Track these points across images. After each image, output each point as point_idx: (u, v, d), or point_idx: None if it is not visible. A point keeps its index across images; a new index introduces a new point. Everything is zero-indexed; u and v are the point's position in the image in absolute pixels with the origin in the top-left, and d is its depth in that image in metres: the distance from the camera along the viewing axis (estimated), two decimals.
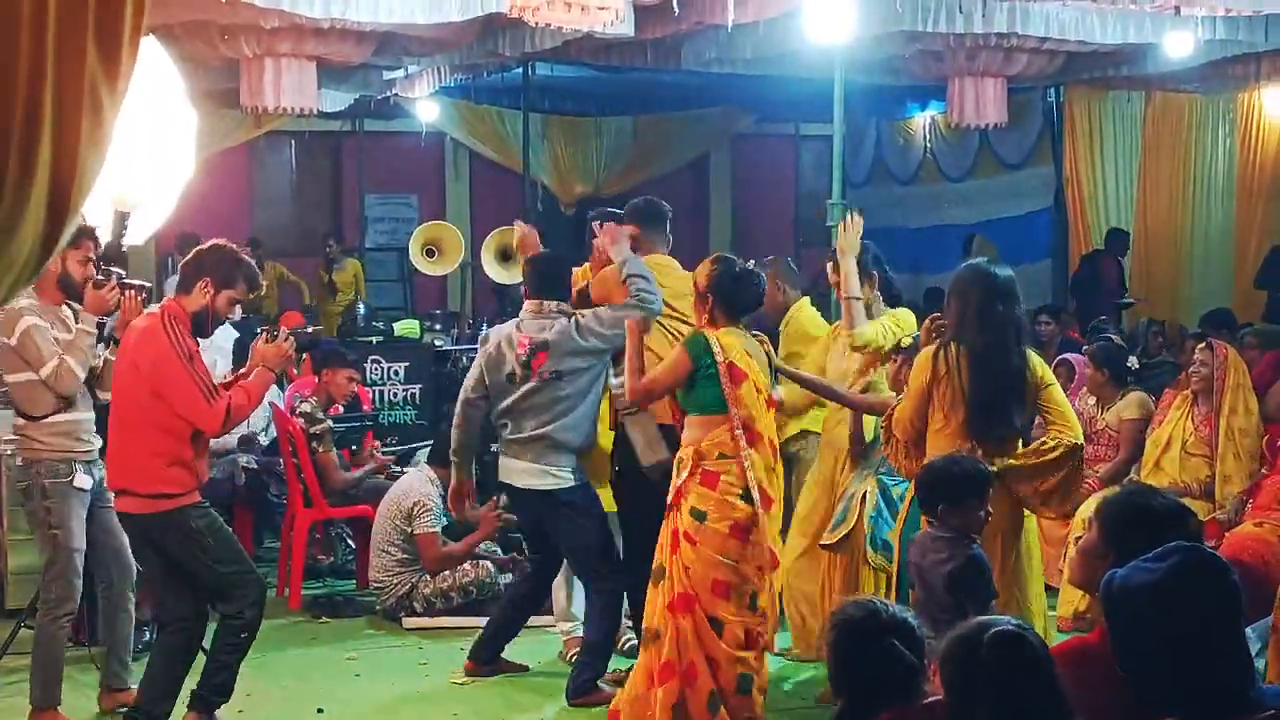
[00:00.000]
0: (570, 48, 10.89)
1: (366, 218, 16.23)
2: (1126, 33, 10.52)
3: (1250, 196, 15.12)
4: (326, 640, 7.91)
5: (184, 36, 9.10)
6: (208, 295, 5.80)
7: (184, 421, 5.69)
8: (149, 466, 5.68)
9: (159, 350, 5.64)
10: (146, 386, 5.65)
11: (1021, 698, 2.89)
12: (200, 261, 5.89)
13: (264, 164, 15.91)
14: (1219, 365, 8.03)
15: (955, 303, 5.97)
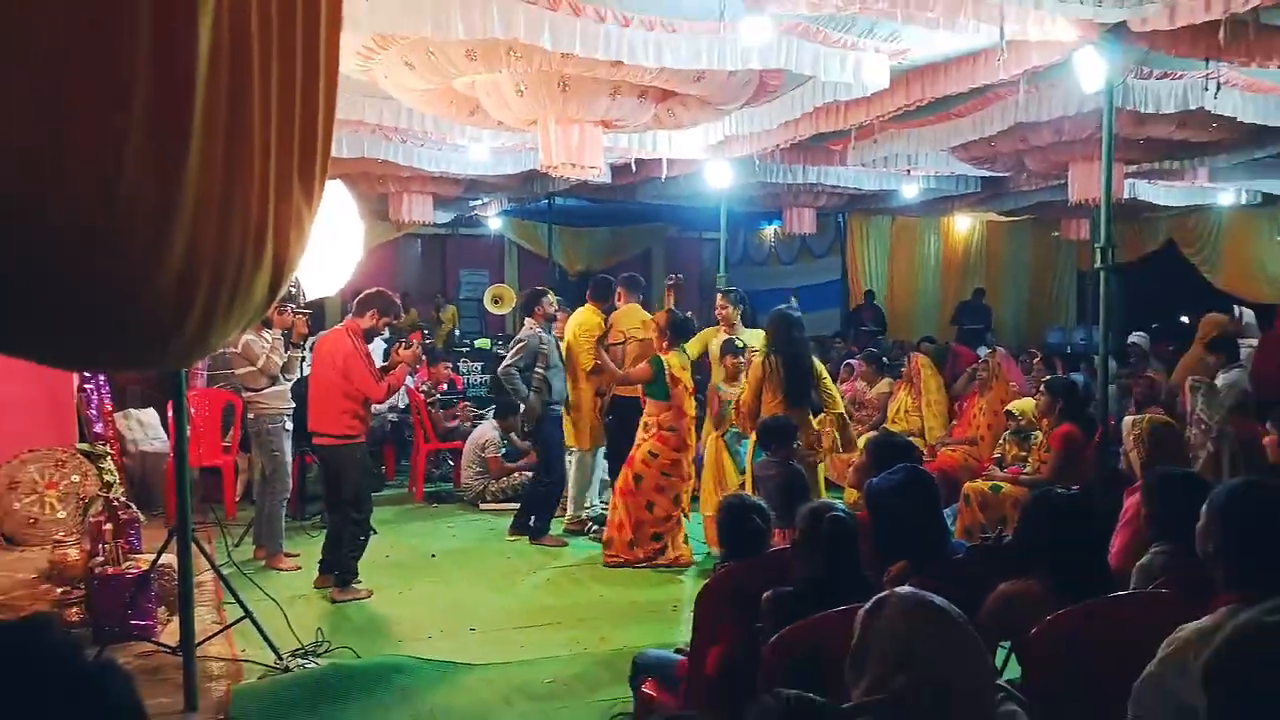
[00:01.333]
0: (575, 189, 10.88)
1: (460, 282, 16.33)
2: (879, 185, 10.57)
3: (948, 274, 15.19)
4: (437, 517, 7.89)
5: (357, 180, 9.04)
6: (374, 319, 5.76)
7: (360, 393, 5.64)
8: (338, 418, 5.63)
9: (346, 350, 5.62)
10: (338, 371, 5.59)
11: (843, 551, 2.92)
12: (370, 299, 5.82)
13: (403, 252, 15.79)
14: (914, 367, 8.16)
15: (771, 330, 6.11)
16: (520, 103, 6.04)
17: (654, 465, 6.40)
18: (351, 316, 5.87)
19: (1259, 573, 2.14)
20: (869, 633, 1.85)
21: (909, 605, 1.84)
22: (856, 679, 1.84)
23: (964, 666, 1.79)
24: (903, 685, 1.74)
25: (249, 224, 1.56)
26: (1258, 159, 8.20)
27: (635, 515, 6.40)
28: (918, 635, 1.78)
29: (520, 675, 4.53)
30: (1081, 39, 4.99)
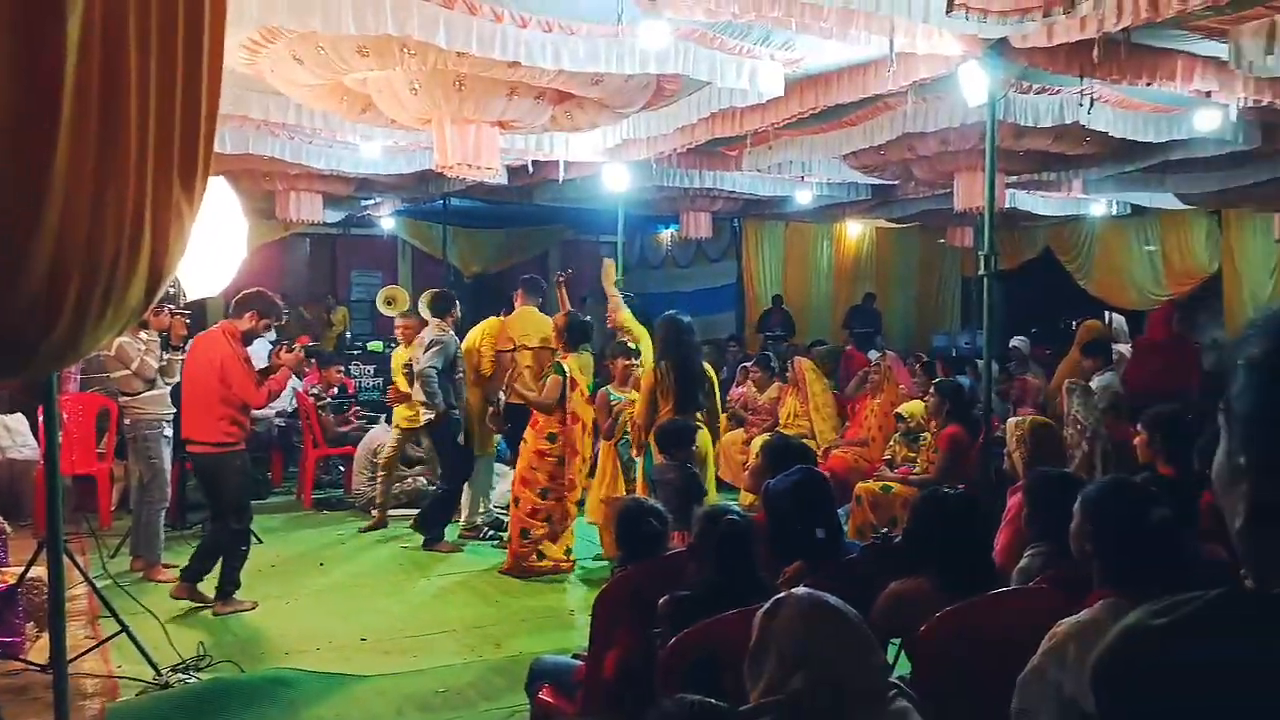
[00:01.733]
0: (471, 190, 10.74)
1: (351, 284, 15.94)
2: (774, 190, 10.74)
3: (840, 279, 15.52)
4: (326, 524, 7.69)
5: (241, 177, 8.71)
6: (253, 321, 5.52)
7: (239, 398, 5.42)
8: (215, 425, 5.40)
9: (223, 353, 5.37)
10: (215, 376, 5.34)
11: (740, 553, 2.93)
12: (248, 299, 5.58)
13: (291, 252, 15.33)
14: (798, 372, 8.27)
15: (660, 335, 6.05)
16: (414, 101, 5.92)
17: (523, 453, 6.33)
18: (229, 318, 5.62)
19: (1130, 568, 2.24)
20: (766, 634, 1.87)
21: (805, 606, 1.87)
22: (755, 680, 1.86)
23: (858, 665, 1.82)
24: (800, 685, 1.77)
25: (123, 224, 1.50)
26: (1127, 172, 8.61)
27: (522, 523, 6.31)
28: (814, 635, 1.81)
29: (412, 685, 4.44)
30: (966, 54, 5.16)
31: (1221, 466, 0.69)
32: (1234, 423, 0.67)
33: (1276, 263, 11.35)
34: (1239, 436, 0.65)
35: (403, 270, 15.88)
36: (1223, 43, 4.84)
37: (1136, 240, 12.98)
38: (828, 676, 1.78)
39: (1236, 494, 0.65)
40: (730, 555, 2.92)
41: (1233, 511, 0.66)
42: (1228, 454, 0.67)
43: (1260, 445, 0.63)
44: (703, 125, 7.15)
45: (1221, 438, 0.70)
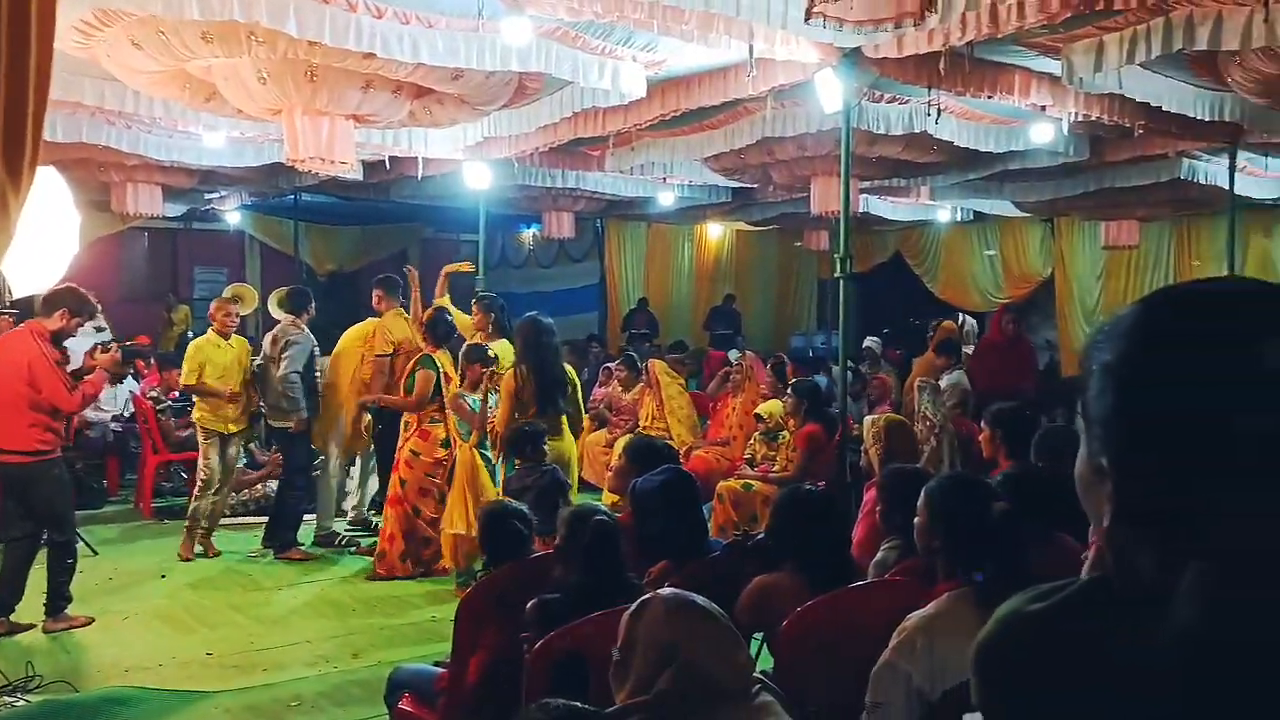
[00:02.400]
0: (324, 184, 10.41)
1: (195, 281, 15.22)
2: (636, 191, 10.82)
3: (701, 280, 15.76)
4: (168, 534, 7.26)
5: (74, 167, 8.16)
6: (64, 319, 5.08)
7: (49, 403, 5.02)
8: (26, 432, 4.98)
9: (31, 355, 4.98)
10: (22, 380, 4.94)
11: (606, 554, 2.92)
12: (58, 296, 5.05)
13: (128, 247, 14.51)
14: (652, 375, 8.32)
15: (519, 337, 5.99)
16: (263, 91, 5.68)
17: (417, 466, 6.17)
18: (37, 317, 5.17)
19: (973, 561, 2.33)
20: (633, 634, 1.87)
21: (671, 605, 1.88)
22: (621, 681, 1.86)
23: (724, 663, 1.84)
24: (666, 685, 1.77)
25: None
26: (970, 180, 9.07)
27: (403, 524, 6.15)
28: (680, 634, 1.82)
29: (262, 699, 4.26)
30: (822, 62, 5.32)
31: (1084, 468, 0.72)
32: (1092, 426, 0.69)
33: (1103, 268, 12.16)
34: (1098, 439, 0.68)
35: (250, 268, 15.26)
36: (1056, 59, 5.15)
37: (978, 245, 13.68)
38: (694, 674, 1.80)
39: (1101, 495, 0.68)
40: (598, 556, 2.91)
41: (1098, 513, 0.69)
42: (1088, 456, 0.70)
43: (1118, 448, 0.66)
44: (565, 125, 7.13)
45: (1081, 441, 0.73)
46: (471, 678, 3.03)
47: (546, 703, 1.74)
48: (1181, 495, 0.62)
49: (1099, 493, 0.68)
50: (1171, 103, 5.75)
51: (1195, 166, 8.20)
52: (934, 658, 2.21)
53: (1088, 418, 0.70)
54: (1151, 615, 0.60)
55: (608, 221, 14.69)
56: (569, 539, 2.98)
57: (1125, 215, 10.00)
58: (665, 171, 9.47)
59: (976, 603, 2.27)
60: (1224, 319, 0.65)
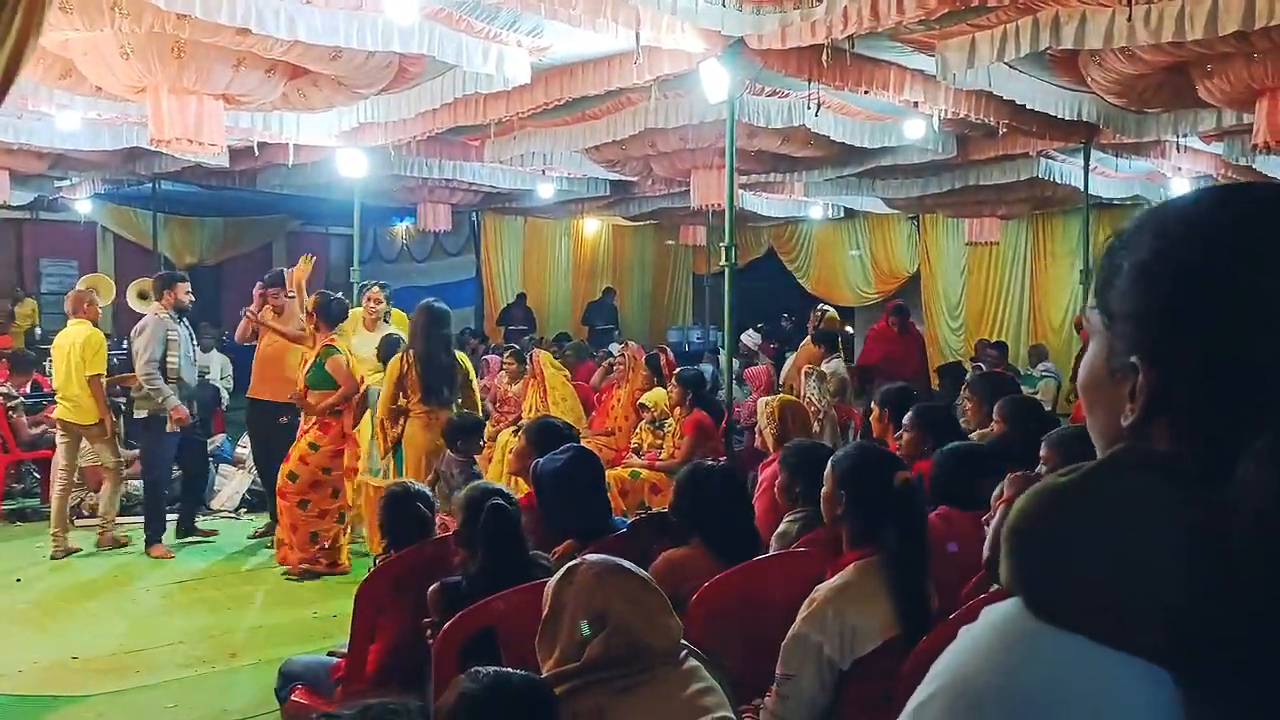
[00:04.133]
0: (185, 172, 9.95)
1: (41, 274, 14.31)
2: (515, 183, 10.71)
3: (578, 275, 15.76)
4: (22, 536, 6.87)
5: None
6: None
7: None
8: None
9: None
10: None
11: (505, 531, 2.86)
12: None
13: None
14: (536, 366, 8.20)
15: (412, 324, 5.87)
16: (125, 67, 5.39)
17: (312, 460, 5.89)
18: None
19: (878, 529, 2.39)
20: (560, 601, 1.85)
21: (600, 570, 1.87)
22: (548, 650, 1.83)
23: (654, 626, 1.84)
24: (599, 649, 1.75)
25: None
26: (843, 176, 9.34)
27: (291, 517, 5.89)
28: (611, 599, 1.81)
29: (139, 702, 4.03)
30: (707, 52, 5.38)
31: (1097, 371, 0.73)
32: (1116, 324, 0.71)
33: (966, 264, 12.72)
34: (1125, 336, 0.70)
35: (103, 259, 14.49)
36: (930, 56, 5.35)
37: (849, 241, 14.11)
38: (626, 639, 1.78)
39: (1119, 393, 0.70)
40: (498, 537, 2.86)
41: (1111, 413, 0.71)
42: (1107, 357, 0.72)
43: (1150, 340, 0.68)
44: (445, 111, 7.01)
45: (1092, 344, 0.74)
46: (371, 666, 2.94)
47: (475, 671, 1.69)
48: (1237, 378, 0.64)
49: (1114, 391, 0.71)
50: (1034, 101, 6.06)
51: (1052, 166, 8.67)
52: (844, 627, 2.24)
53: (1110, 316, 0.72)
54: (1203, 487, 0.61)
55: (484, 215, 14.53)
56: (468, 522, 2.91)
57: (987, 213, 10.49)
58: (545, 163, 9.42)
59: (883, 572, 2.32)
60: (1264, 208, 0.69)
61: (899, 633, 2.23)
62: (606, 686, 1.81)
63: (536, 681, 1.74)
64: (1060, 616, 0.62)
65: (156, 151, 7.59)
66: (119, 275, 12.94)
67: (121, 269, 13.58)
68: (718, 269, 6.56)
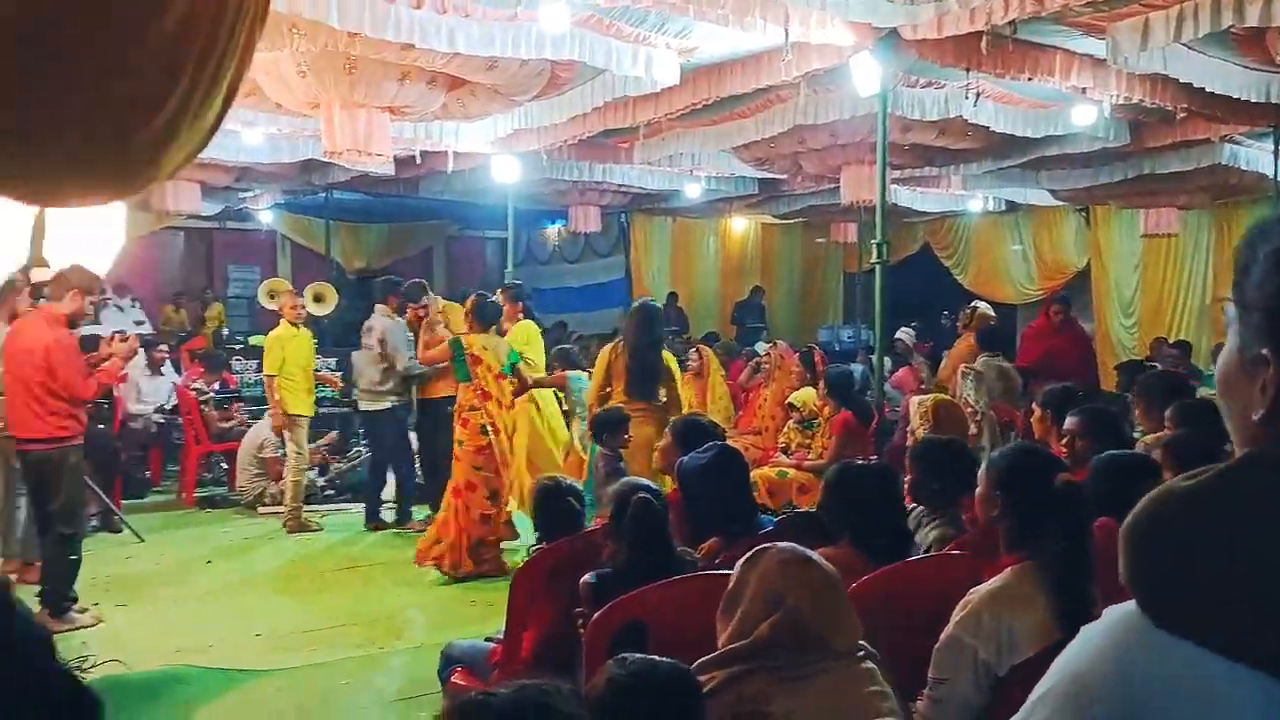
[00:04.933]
0: (355, 181, 10.52)
1: (229, 278, 15.36)
2: (664, 184, 10.83)
3: (727, 273, 15.74)
4: (211, 522, 7.43)
5: None
6: (77, 300, 4.94)
7: (69, 391, 4.94)
8: (46, 419, 4.91)
9: (47, 342, 4.89)
10: (39, 367, 4.84)
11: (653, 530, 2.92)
12: (65, 278, 4.87)
13: (167, 246, 14.68)
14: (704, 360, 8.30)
15: (628, 319, 5.98)
16: (302, 84, 5.75)
17: (463, 457, 6.04)
18: (49, 302, 5.06)
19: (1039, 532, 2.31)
20: (743, 581, 1.91)
21: (787, 555, 1.93)
22: (724, 625, 1.89)
23: (831, 620, 1.87)
24: (767, 631, 1.80)
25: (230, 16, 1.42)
26: (1004, 168, 9.01)
27: (460, 521, 5.91)
28: (790, 585, 1.86)
29: (313, 679, 4.31)
30: (858, 45, 5.31)
31: (1231, 364, 0.71)
32: (1251, 314, 0.69)
33: (1141, 258, 12.02)
34: (1258, 328, 0.68)
35: (282, 265, 15.40)
36: (1100, 39, 5.11)
37: (1011, 235, 13.57)
38: (796, 626, 1.82)
39: (1253, 387, 0.68)
40: (643, 531, 2.92)
41: (1243, 404, 0.69)
42: (1241, 349, 0.70)
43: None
44: (595, 115, 7.15)
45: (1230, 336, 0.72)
46: (525, 652, 3.05)
47: (623, 658, 1.75)
48: None
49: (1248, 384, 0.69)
50: (1216, 84, 5.69)
51: (1237, 152, 8.12)
52: (1001, 632, 2.19)
53: (1245, 307, 0.70)
54: None
55: (633, 215, 14.68)
56: (616, 515, 2.98)
57: (1164, 203, 9.90)
58: (693, 163, 9.47)
59: (1043, 576, 2.25)
60: None
61: (1059, 638, 2.16)
62: (774, 673, 1.84)
63: (683, 670, 1.78)
64: (1176, 623, 0.61)
65: (329, 162, 8.06)
66: (296, 279, 13.80)
67: (298, 273, 14.45)
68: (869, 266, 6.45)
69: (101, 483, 6.70)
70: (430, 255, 16.64)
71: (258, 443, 7.78)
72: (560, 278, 16.40)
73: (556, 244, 16.55)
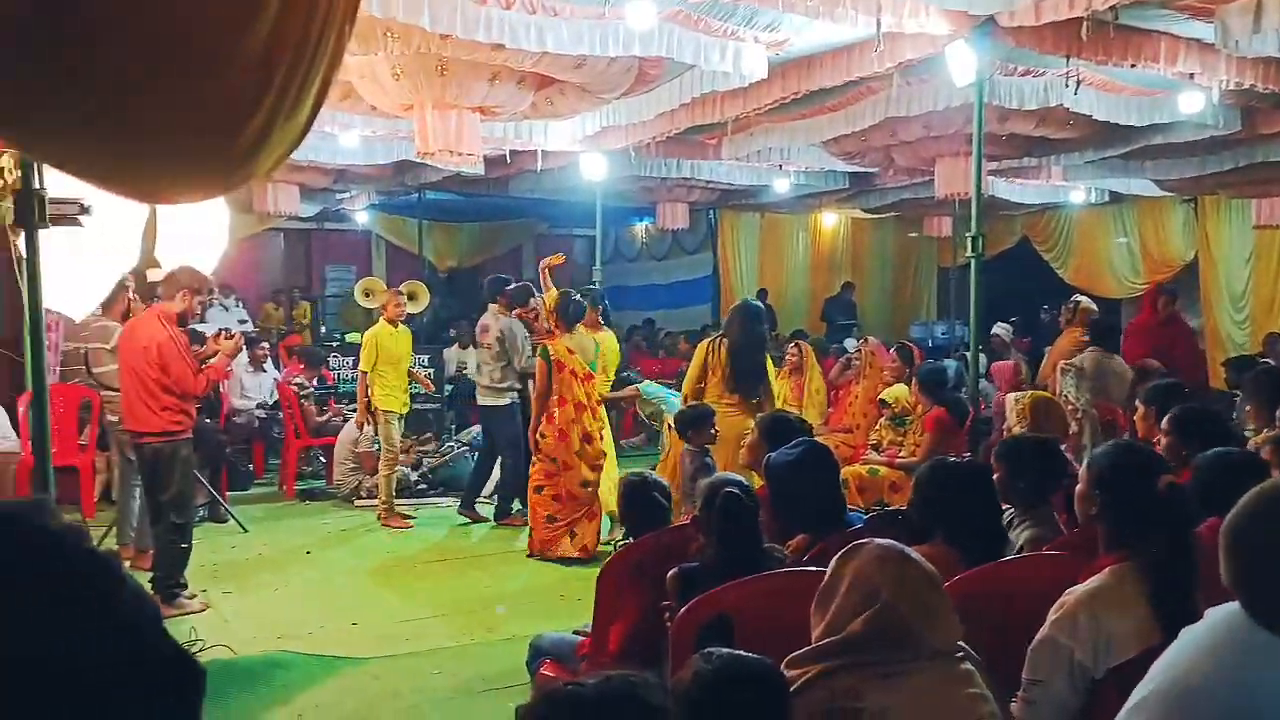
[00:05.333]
0: (446, 181, 10.71)
1: (325, 278, 15.82)
2: (752, 180, 10.77)
3: (816, 269, 15.56)
4: (309, 514, 7.66)
5: None
6: (187, 299, 5.19)
7: (179, 387, 5.15)
8: (159, 414, 5.13)
9: (160, 339, 5.10)
10: (153, 364, 5.06)
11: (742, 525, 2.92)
12: (176, 278, 5.17)
13: (268, 247, 15.19)
14: (804, 356, 8.23)
15: (731, 316, 6.09)
16: (396, 87, 5.89)
17: (544, 449, 6.27)
18: (161, 301, 5.31)
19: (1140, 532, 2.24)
20: (839, 574, 1.90)
21: (883, 551, 1.92)
22: (819, 619, 1.88)
23: (929, 618, 1.85)
24: (861, 626, 1.79)
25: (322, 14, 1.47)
26: (1107, 158, 8.71)
27: (544, 506, 6.28)
28: (888, 580, 1.84)
29: (408, 667, 4.43)
30: (953, 33, 5.19)
31: None
32: None
33: (1253, 250, 11.49)
34: None
35: (377, 264, 15.80)
36: (1208, 23, 4.90)
37: (1114, 228, 13.12)
38: (892, 623, 1.80)
39: None
40: (730, 526, 2.91)
41: None
42: None
43: None
44: (683, 111, 7.14)
45: None
46: (612, 645, 3.08)
47: (709, 652, 1.76)
48: None
49: None
50: None
51: None
52: (1099, 633, 2.13)
53: None
54: None
55: (721, 212, 14.63)
56: (704, 509, 2.99)
57: (1278, 192, 9.45)
58: (782, 158, 9.38)
59: (1143, 578, 2.18)
60: None
61: (1159, 641, 2.09)
62: (867, 669, 1.83)
63: (769, 665, 1.78)
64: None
65: (422, 163, 8.22)
66: (390, 278, 14.14)
67: (392, 272, 14.81)
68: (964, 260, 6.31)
69: (208, 475, 7.00)
70: (520, 253, 16.87)
71: (353, 437, 7.99)
72: (648, 275, 16.46)
73: (644, 241, 16.60)
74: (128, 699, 0.80)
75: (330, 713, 3.96)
